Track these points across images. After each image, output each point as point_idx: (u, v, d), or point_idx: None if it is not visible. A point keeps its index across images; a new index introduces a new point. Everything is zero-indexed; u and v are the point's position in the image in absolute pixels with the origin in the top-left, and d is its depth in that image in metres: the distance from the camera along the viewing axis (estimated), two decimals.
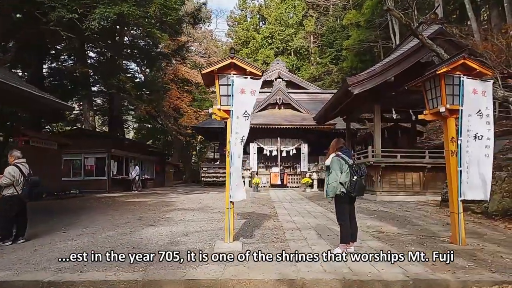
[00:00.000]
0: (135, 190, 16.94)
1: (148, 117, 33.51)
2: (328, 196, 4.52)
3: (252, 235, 5.90)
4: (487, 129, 4.75)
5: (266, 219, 7.80)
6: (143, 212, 9.17)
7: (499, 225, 6.72)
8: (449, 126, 4.95)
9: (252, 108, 4.61)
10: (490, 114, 4.73)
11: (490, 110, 4.75)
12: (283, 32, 41.19)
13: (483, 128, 4.72)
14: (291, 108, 23.94)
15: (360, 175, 4.49)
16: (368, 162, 12.87)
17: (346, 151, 4.65)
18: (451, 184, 4.88)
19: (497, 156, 10.22)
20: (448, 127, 4.96)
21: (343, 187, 4.45)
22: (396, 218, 7.88)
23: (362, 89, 12.10)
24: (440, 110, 4.80)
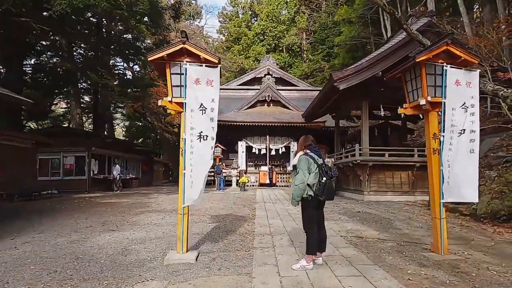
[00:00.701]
0: (116, 190, 16.25)
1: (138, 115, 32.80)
2: (293, 200, 3.97)
3: (217, 242, 5.35)
4: (471, 121, 4.23)
5: (240, 223, 7.25)
6: (112, 214, 8.58)
7: (488, 229, 6.24)
8: (431, 121, 4.43)
9: (211, 102, 4.03)
10: (475, 105, 4.21)
11: (476, 101, 4.23)
12: (275, 28, 40.61)
13: (468, 122, 4.21)
14: (280, 105, 23.41)
15: (330, 177, 3.96)
16: (355, 160, 12.39)
17: (315, 149, 4.11)
18: (433, 185, 4.37)
19: (488, 155, 9.78)
20: (429, 122, 4.44)
21: (311, 189, 3.92)
22: (380, 221, 7.38)
23: (348, 84, 11.59)
24: (421, 102, 4.27)
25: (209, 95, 4.02)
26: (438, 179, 4.29)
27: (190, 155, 4.07)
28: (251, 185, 22.35)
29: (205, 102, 3.99)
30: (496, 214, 6.34)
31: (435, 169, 4.33)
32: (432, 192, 4.40)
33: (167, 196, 14.24)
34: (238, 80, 29.08)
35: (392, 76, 4.84)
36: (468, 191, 4.16)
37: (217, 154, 19.30)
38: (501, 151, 8.97)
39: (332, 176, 4.01)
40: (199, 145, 4.03)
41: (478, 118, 4.26)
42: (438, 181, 4.29)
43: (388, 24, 25.92)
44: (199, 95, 4.01)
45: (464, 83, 4.22)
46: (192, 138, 4.03)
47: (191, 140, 4.03)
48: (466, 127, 4.18)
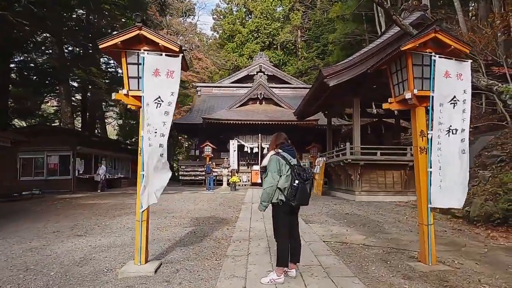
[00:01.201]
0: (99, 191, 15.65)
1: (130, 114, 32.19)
2: (261, 205, 3.55)
3: (187, 249, 4.91)
4: (462, 119, 3.82)
5: (220, 226, 6.82)
6: (87, 217, 8.12)
7: (481, 233, 5.84)
8: (418, 117, 4.01)
9: (170, 96, 3.59)
10: (467, 100, 3.80)
11: (467, 96, 3.82)
12: (269, 26, 40.09)
13: (457, 119, 3.80)
14: (273, 103, 22.99)
15: (304, 179, 3.53)
16: (346, 160, 11.99)
17: (288, 148, 3.68)
18: (420, 188, 3.95)
19: (482, 153, 9.41)
20: (416, 118, 4.03)
21: (282, 193, 3.49)
22: (368, 224, 6.97)
23: (338, 80, 11.17)
24: (406, 96, 3.85)
25: (168, 88, 3.57)
26: (426, 181, 3.88)
27: (147, 154, 3.63)
28: (243, 185, 21.94)
29: (164, 95, 3.55)
30: (490, 217, 5.95)
31: (422, 169, 3.92)
32: (419, 195, 3.98)
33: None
34: (230, 78, 28.61)
35: (377, 68, 4.42)
36: (457, 196, 3.76)
37: (207, 153, 18.86)
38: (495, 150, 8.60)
39: (307, 178, 3.59)
40: (158, 142, 3.59)
41: (469, 115, 3.84)
42: (426, 183, 3.88)
43: (382, 21, 25.54)
44: (157, 87, 3.57)
45: (454, 75, 3.80)
46: (150, 136, 3.58)
47: (149, 138, 3.59)
48: (457, 125, 3.76)
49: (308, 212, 8.86)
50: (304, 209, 9.51)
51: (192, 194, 15.32)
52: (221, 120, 20.74)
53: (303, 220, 7.64)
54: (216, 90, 27.18)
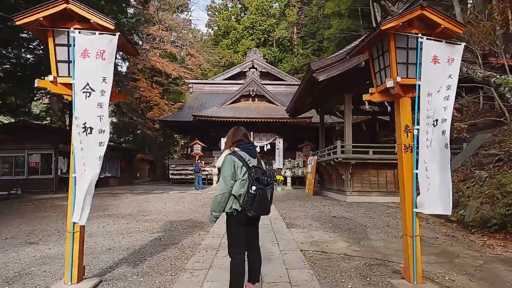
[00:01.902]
0: None
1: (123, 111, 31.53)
2: (211, 215, 2.96)
3: (144, 261, 4.32)
4: (444, 107, 3.23)
5: (192, 231, 6.25)
6: (53, 221, 7.54)
7: (476, 240, 5.28)
8: (402, 109, 3.43)
9: (102, 82, 2.99)
10: (452, 86, 3.20)
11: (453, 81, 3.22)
12: (265, 22, 39.43)
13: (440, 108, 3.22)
14: (265, 100, 22.41)
15: (264, 184, 2.95)
16: (336, 158, 11.41)
17: (247, 146, 3.09)
18: (404, 192, 3.38)
19: (479, 152, 8.84)
20: (400, 111, 3.45)
21: (237, 201, 2.90)
22: (354, 229, 6.40)
23: (328, 75, 10.57)
24: (387, 85, 3.26)
25: (98, 71, 2.98)
26: (411, 185, 3.31)
27: (80, 153, 3.04)
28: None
29: (93, 82, 2.95)
30: (487, 222, 5.39)
31: (407, 171, 3.35)
32: (403, 201, 3.41)
33: (137, 196, 13.18)
34: (223, 75, 28.00)
35: (357, 53, 3.84)
36: (444, 200, 3.19)
37: (197, 152, 18.26)
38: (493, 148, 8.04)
39: (268, 183, 3.00)
40: (86, 140, 2.99)
41: (452, 103, 3.24)
42: (411, 187, 3.30)
43: (378, 16, 24.91)
44: (85, 71, 2.97)
45: (445, 60, 3.22)
46: (79, 131, 2.99)
47: (79, 133, 3.00)
48: (439, 116, 3.19)
49: (293, 215, 8.31)
50: (290, 211, 8.97)
51: (179, 194, 14.74)
52: (211, 117, 20.16)
53: (286, 223, 7.09)
54: (208, 87, 26.57)
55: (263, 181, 2.96)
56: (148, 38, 26.55)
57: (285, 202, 11.39)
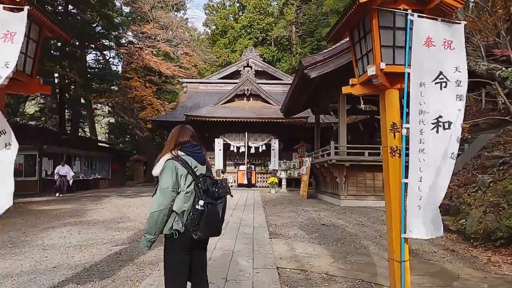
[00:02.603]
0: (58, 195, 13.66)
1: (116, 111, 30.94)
2: (144, 238, 2.32)
3: (89, 282, 3.69)
4: (458, 109, 2.59)
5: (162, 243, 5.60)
6: (15, 229, 6.96)
7: (479, 255, 4.63)
8: (388, 104, 2.79)
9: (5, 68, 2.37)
10: (462, 82, 2.56)
11: (462, 75, 2.57)
12: (263, 20, 38.77)
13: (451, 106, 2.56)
14: (261, 99, 21.74)
15: (215, 198, 2.34)
16: (330, 160, 10.77)
17: (194, 150, 2.46)
18: (390, 208, 2.73)
19: (482, 154, 8.19)
20: (386, 105, 2.80)
21: (179, 220, 2.27)
22: (343, 240, 5.76)
23: (320, 71, 9.95)
24: (369, 73, 2.61)
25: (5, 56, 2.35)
26: (398, 197, 2.66)
27: None
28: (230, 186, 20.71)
29: None
30: (491, 235, 4.74)
31: (394, 180, 2.70)
32: (389, 219, 2.76)
33: (122, 200, 12.57)
34: (219, 74, 27.37)
35: (336, 36, 3.19)
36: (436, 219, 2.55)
37: None
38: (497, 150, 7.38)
39: (219, 196, 2.38)
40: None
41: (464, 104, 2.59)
42: (399, 201, 2.66)
43: None
44: None
45: (440, 42, 2.57)
46: None
47: None
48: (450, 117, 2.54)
49: (280, 222, 7.68)
50: (278, 217, 8.33)
51: None
52: (204, 117, 19.53)
53: (270, 232, 6.47)
54: (203, 86, 25.94)
55: (214, 194, 2.35)
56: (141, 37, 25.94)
57: (275, 206, 10.77)
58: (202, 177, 2.36)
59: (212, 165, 19.87)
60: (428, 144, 2.59)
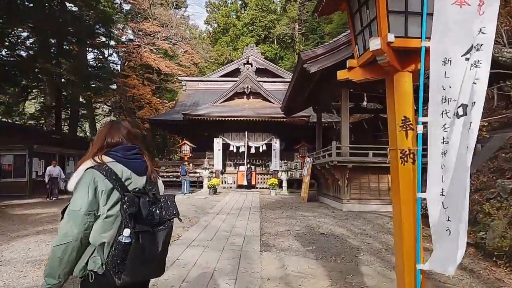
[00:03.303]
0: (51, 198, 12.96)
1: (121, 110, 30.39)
2: (45, 284, 1.62)
3: None
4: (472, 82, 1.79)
5: None
6: None
7: (505, 278, 3.89)
8: (398, 91, 2.08)
9: None
10: (485, 46, 1.78)
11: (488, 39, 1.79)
12: (265, 18, 38.07)
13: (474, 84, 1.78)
14: (261, 98, 21.07)
15: (152, 223, 1.65)
16: (331, 161, 10.05)
17: (128, 154, 1.77)
18: (399, 228, 2.02)
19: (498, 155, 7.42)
20: (395, 94, 2.09)
21: (98, 256, 1.58)
22: (343, 254, 5.05)
23: (321, 66, 9.24)
24: (371, 47, 1.91)
25: None
26: (412, 218, 1.95)
27: None
28: (229, 187, 20.09)
29: None
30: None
31: (406, 194, 1.99)
32: (399, 245, 2.05)
33: None
34: (219, 72, 26.71)
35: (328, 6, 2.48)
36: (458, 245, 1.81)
37: (185, 153, 16.98)
38: None
39: (161, 221, 1.70)
40: None
41: (485, 75, 1.80)
42: (412, 221, 1.95)
43: None
44: None
45: (476, 2, 1.83)
46: None
47: None
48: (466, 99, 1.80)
49: (275, 229, 6.99)
50: (274, 224, 7.61)
51: None
52: (203, 116, 18.86)
53: (262, 243, 5.78)
54: (202, 84, 25.28)
55: (152, 218, 1.66)
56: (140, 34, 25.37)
57: (274, 210, 10.08)
58: (136, 194, 1.66)
59: (211, 166, 19.23)
60: (453, 143, 1.86)
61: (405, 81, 2.06)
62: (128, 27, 27.02)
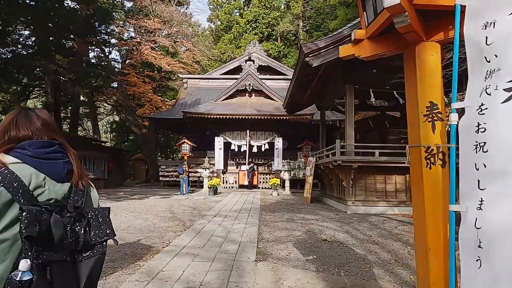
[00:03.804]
0: None
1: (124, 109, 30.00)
2: None
3: None
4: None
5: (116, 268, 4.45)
6: None
7: None
8: (422, 68, 1.53)
9: None
10: None
11: None
12: (268, 15, 37.45)
13: None
14: (263, 95, 20.52)
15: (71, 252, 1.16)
16: (335, 161, 9.49)
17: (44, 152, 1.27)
18: (425, 258, 1.48)
19: None
20: (418, 71, 1.55)
21: None
22: (348, 264, 4.51)
23: (324, 59, 8.67)
24: (386, 3, 1.37)
25: None
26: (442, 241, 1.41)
27: None
28: (230, 187, 19.59)
29: None
30: None
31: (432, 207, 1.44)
32: (424, 278, 1.51)
33: (106, 204, 11.48)
34: (221, 69, 26.21)
35: None
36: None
37: (185, 152, 16.49)
38: None
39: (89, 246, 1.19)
40: None
41: None
42: (442, 245, 1.40)
43: None
44: None
45: None
46: None
47: None
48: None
49: (273, 235, 6.46)
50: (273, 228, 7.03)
51: (159, 200, 13.03)
52: (203, 114, 18.38)
53: (258, 251, 5.25)
54: (204, 82, 24.82)
55: (69, 243, 1.16)
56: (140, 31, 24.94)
57: (274, 213, 9.56)
58: (40, 208, 1.15)
59: (212, 165, 18.75)
60: (497, 131, 1.31)
61: (431, 54, 1.52)
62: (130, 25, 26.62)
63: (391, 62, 9.34)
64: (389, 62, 8.38)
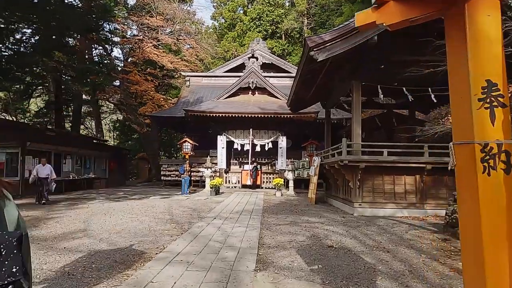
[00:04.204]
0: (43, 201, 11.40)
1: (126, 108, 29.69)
2: None
3: None
4: None
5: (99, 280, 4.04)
6: None
7: None
8: (474, 34, 1.09)
9: None
10: None
11: None
12: (272, 12, 36.96)
13: None
14: (267, 93, 20.07)
15: None
16: (341, 161, 9.03)
17: None
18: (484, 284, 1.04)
19: None
20: (469, 39, 1.10)
21: None
22: (356, 276, 4.07)
23: (330, 54, 8.21)
24: None
25: None
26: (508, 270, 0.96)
27: None
28: (233, 187, 19.18)
29: None
30: None
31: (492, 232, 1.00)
32: None
33: (104, 204, 11.16)
34: (224, 67, 25.80)
35: None
36: None
37: (186, 151, 16.07)
38: None
39: None
40: None
41: None
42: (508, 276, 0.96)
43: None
44: None
45: None
46: None
47: None
48: None
49: (275, 240, 6.04)
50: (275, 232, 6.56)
51: (159, 200, 12.66)
52: (205, 112, 17.97)
53: (258, 258, 4.83)
54: (206, 80, 24.41)
55: None
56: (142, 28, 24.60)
57: (277, 215, 9.12)
58: None
59: (214, 164, 18.36)
60: None
61: (488, 14, 1.09)
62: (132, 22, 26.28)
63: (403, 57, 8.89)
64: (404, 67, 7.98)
